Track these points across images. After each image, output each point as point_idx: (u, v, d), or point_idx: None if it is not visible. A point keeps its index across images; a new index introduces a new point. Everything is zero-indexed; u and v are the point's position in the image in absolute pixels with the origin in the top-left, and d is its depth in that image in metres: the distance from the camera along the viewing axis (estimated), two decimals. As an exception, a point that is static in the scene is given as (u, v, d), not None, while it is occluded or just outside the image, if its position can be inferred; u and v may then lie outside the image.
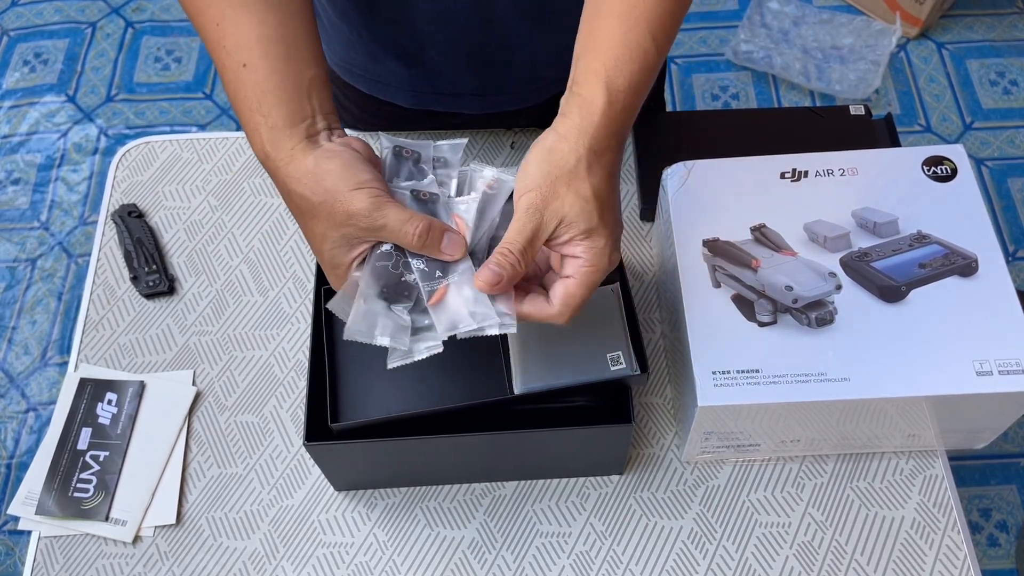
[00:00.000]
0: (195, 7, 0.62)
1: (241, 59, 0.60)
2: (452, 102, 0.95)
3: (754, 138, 0.95)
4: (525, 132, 0.99)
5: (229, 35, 0.61)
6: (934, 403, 0.70)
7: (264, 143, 0.60)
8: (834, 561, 0.76)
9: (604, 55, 0.61)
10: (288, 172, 0.59)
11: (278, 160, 0.59)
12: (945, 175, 0.79)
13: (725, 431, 0.74)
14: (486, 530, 0.79)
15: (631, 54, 0.61)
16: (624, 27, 0.61)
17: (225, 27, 0.61)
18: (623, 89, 0.60)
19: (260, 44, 0.60)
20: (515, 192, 0.60)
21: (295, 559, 0.78)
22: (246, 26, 0.60)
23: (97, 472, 0.81)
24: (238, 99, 0.61)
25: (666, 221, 0.80)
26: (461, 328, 0.58)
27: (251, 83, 0.60)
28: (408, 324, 0.59)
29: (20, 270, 1.88)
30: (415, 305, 0.60)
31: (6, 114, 2.10)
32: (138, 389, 0.85)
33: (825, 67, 2.07)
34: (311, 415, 0.70)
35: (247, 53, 0.60)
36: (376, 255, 0.59)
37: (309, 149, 0.59)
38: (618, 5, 0.62)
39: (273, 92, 0.60)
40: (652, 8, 0.61)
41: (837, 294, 0.73)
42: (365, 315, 0.58)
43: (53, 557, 0.78)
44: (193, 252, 0.94)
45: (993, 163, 1.99)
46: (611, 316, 0.73)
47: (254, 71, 0.60)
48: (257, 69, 0.60)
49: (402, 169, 0.64)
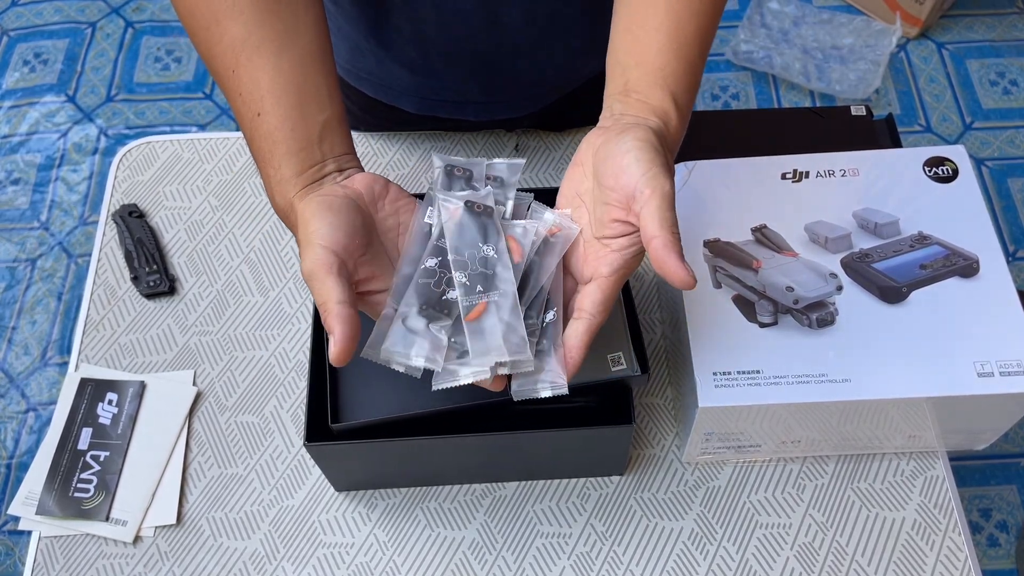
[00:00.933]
0: (211, 53, 0.63)
1: (255, 108, 0.61)
2: (457, 109, 0.95)
3: (755, 138, 0.95)
4: (527, 134, 0.98)
5: (244, 83, 0.61)
6: (935, 404, 0.70)
7: (274, 195, 0.62)
8: (835, 562, 0.76)
9: (663, 68, 0.61)
10: (291, 220, 0.61)
11: (286, 210, 0.61)
12: (946, 176, 0.79)
13: (726, 432, 0.74)
14: (486, 531, 0.79)
15: (686, 68, 0.62)
16: (675, 44, 0.62)
17: (240, 74, 0.61)
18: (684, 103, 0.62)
19: (272, 92, 0.61)
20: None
21: (295, 559, 0.78)
22: (259, 73, 0.61)
23: (97, 472, 0.81)
24: (253, 149, 0.63)
25: (667, 222, 0.80)
26: (492, 356, 0.57)
27: (263, 134, 0.61)
28: (444, 344, 0.58)
29: (20, 270, 1.88)
30: (454, 324, 0.59)
31: (6, 114, 2.10)
32: (138, 389, 0.85)
33: (825, 67, 2.07)
34: (312, 415, 0.70)
35: (260, 103, 0.61)
36: (420, 271, 0.59)
37: (303, 196, 0.60)
38: (666, 20, 0.62)
39: (284, 142, 0.61)
40: (699, 24, 0.62)
41: (838, 295, 0.73)
42: (404, 336, 0.58)
43: (54, 557, 0.78)
44: (194, 252, 0.94)
45: (993, 163, 1.99)
46: (612, 317, 0.73)
47: (266, 121, 0.61)
48: (270, 118, 0.61)
49: (454, 187, 0.63)
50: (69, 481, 0.80)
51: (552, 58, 0.88)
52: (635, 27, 0.63)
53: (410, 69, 0.90)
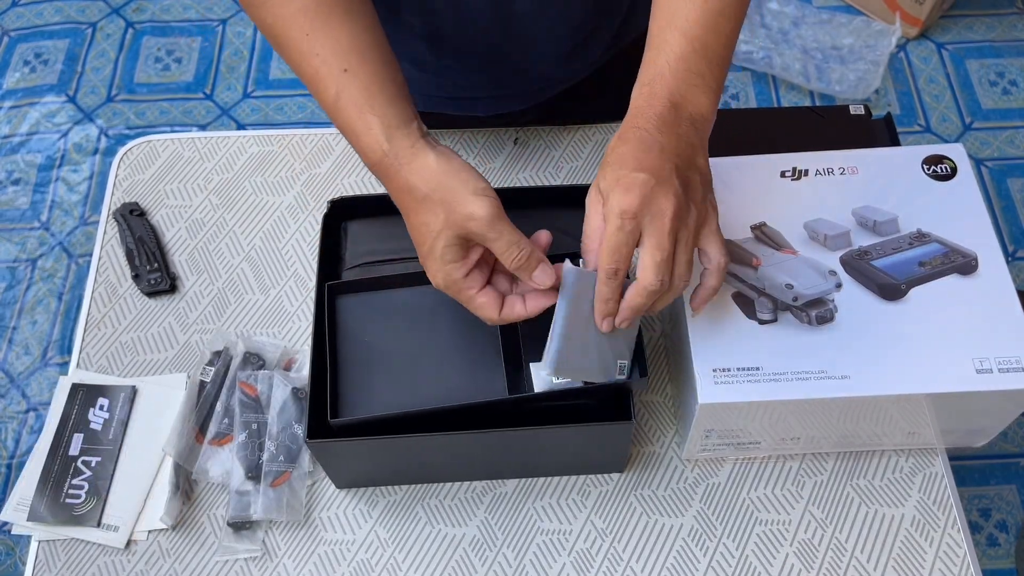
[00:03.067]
0: (279, 24, 0.64)
1: (341, 65, 0.62)
2: (466, 105, 0.95)
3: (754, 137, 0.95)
4: (526, 130, 0.99)
5: (322, 44, 0.62)
6: (934, 401, 0.71)
7: (381, 141, 0.62)
8: (834, 559, 0.77)
9: (680, 10, 0.63)
10: (412, 168, 0.61)
11: (399, 156, 0.62)
12: (945, 174, 0.79)
13: (725, 429, 0.75)
14: (487, 528, 0.79)
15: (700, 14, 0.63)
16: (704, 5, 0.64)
17: (316, 37, 0.63)
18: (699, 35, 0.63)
19: (356, 50, 0.62)
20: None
21: (296, 557, 0.78)
22: (337, 33, 0.62)
23: (89, 478, 0.80)
24: (341, 103, 0.63)
25: (667, 219, 0.80)
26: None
27: (357, 86, 0.62)
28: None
29: (20, 270, 1.89)
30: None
31: (6, 114, 2.10)
32: (130, 394, 0.85)
33: (825, 67, 2.08)
34: (313, 413, 0.70)
35: (346, 59, 0.62)
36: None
37: (428, 147, 0.62)
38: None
39: (382, 93, 0.62)
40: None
41: (837, 292, 0.73)
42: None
43: (55, 557, 0.78)
44: (195, 250, 0.94)
45: (993, 163, 1.99)
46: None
47: (357, 76, 0.62)
48: (360, 73, 0.62)
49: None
50: (60, 487, 0.80)
51: (560, 49, 0.89)
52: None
53: (419, 66, 0.90)
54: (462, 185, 0.60)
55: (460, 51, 0.87)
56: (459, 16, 0.81)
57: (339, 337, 0.75)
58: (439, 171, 0.61)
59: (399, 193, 0.64)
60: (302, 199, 0.96)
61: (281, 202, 0.96)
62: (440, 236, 0.62)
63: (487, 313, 0.64)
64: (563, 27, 0.86)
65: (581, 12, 0.85)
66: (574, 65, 0.93)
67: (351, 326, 0.75)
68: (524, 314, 0.65)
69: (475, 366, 0.73)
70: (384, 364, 0.74)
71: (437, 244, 0.62)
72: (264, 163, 0.99)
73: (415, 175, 0.61)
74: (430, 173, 0.61)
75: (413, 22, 0.83)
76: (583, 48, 0.90)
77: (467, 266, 0.63)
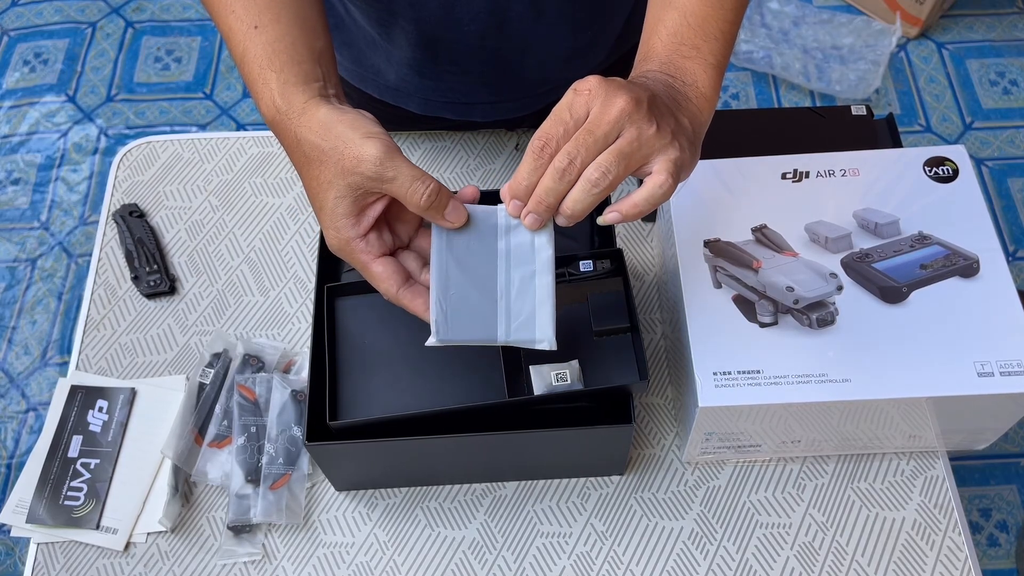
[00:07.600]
0: None
1: (252, 21, 0.61)
2: (464, 110, 0.95)
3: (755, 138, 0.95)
4: (527, 133, 0.99)
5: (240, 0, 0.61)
6: (935, 404, 0.70)
7: (275, 96, 0.60)
8: (835, 562, 0.76)
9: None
10: (300, 122, 0.59)
11: (289, 112, 0.59)
12: (947, 176, 0.79)
13: (726, 432, 0.74)
14: (487, 530, 0.79)
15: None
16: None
17: None
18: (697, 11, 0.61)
19: (271, 9, 0.61)
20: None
21: (295, 559, 0.78)
22: None
23: (88, 480, 0.80)
24: (247, 58, 0.61)
25: (667, 221, 0.80)
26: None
27: (263, 42, 0.60)
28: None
29: (20, 270, 1.88)
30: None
31: (6, 114, 2.10)
32: (129, 396, 0.85)
33: (825, 67, 2.07)
34: (312, 416, 0.70)
35: (258, 16, 0.61)
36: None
37: (322, 103, 0.59)
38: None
39: (286, 51, 0.60)
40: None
41: (838, 295, 0.73)
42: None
43: (54, 559, 0.78)
44: (194, 252, 0.94)
45: (993, 163, 1.99)
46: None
47: (265, 32, 0.61)
48: (268, 31, 0.61)
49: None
50: (59, 489, 0.80)
51: (557, 53, 0.88)
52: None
53: (417, 71, 0.89)
54: (351, 130, 0.57)
55: (457, 57, 0.86)
56: (454, 22, 0.81)
57: (338, 339, 0.74)
58: (328, 120, 0.58)
59: (291, 150, 0.61)
60: (302, 200, 0.96)
61: (281, 203, 0.96)
62: (331, 187, 0.58)
63: (384, 286, 0.60)
64: (561, 32, 0.85)
65: (578, 17, 0.85)
66: (573, 71, 0.93)
67: (350, 328, 0.75)
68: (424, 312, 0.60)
69: (474, 368, 0.73)
70: (383, 366, 0.73)
71: (328, 196, 0.58)
72: (264, 164, 0.99)
73: (303, 127, 0.59)
74: (318, 124, 0.58)
75: (409, 28, 0.83)
76: (582, 54, 0.90)
77: (362, 225, 0.59)
